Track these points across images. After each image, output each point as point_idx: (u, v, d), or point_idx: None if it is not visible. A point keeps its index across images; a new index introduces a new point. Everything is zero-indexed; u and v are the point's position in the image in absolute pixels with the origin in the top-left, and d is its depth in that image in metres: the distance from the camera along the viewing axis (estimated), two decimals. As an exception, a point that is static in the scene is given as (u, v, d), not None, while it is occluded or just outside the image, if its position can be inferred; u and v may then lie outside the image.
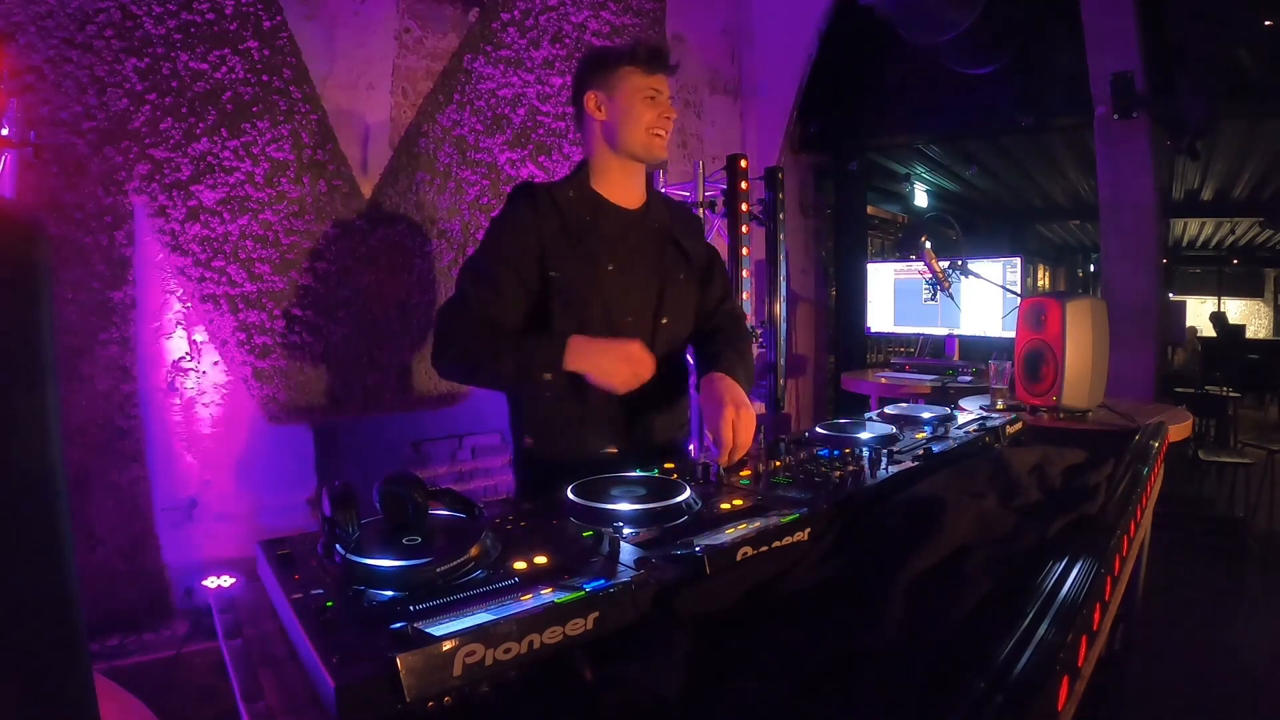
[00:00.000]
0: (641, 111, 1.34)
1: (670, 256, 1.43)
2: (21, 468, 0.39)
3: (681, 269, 1.44)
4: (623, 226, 1.39)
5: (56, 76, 2.05)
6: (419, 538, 0.75)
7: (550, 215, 1.35)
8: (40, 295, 0.40)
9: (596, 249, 1.35)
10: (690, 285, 1.46)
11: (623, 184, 1.41)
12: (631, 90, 1.33)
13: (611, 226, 1.38)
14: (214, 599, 0.78)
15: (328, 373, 2.56)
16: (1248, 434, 5.03)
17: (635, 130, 1.34)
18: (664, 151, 1.39)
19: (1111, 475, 1.21)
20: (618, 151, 1.37)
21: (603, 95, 1.35)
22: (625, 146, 1.36)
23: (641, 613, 0.68)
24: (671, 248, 1.43)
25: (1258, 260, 12.69)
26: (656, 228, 1.43)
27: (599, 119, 1.36)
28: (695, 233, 1.52)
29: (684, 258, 1.45)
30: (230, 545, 2.35)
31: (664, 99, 1.36)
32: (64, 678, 0.41)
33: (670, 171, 3.62)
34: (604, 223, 1.38)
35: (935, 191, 7.47)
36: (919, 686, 0.58)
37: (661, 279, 1.40)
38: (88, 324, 2.13)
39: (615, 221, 1.39)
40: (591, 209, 1.38)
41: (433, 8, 2.79)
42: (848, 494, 1.00)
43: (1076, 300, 1.98)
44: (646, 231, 1.42)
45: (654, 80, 1.34)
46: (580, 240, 1.35)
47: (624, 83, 1.34)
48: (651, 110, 1.34)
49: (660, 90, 1.35)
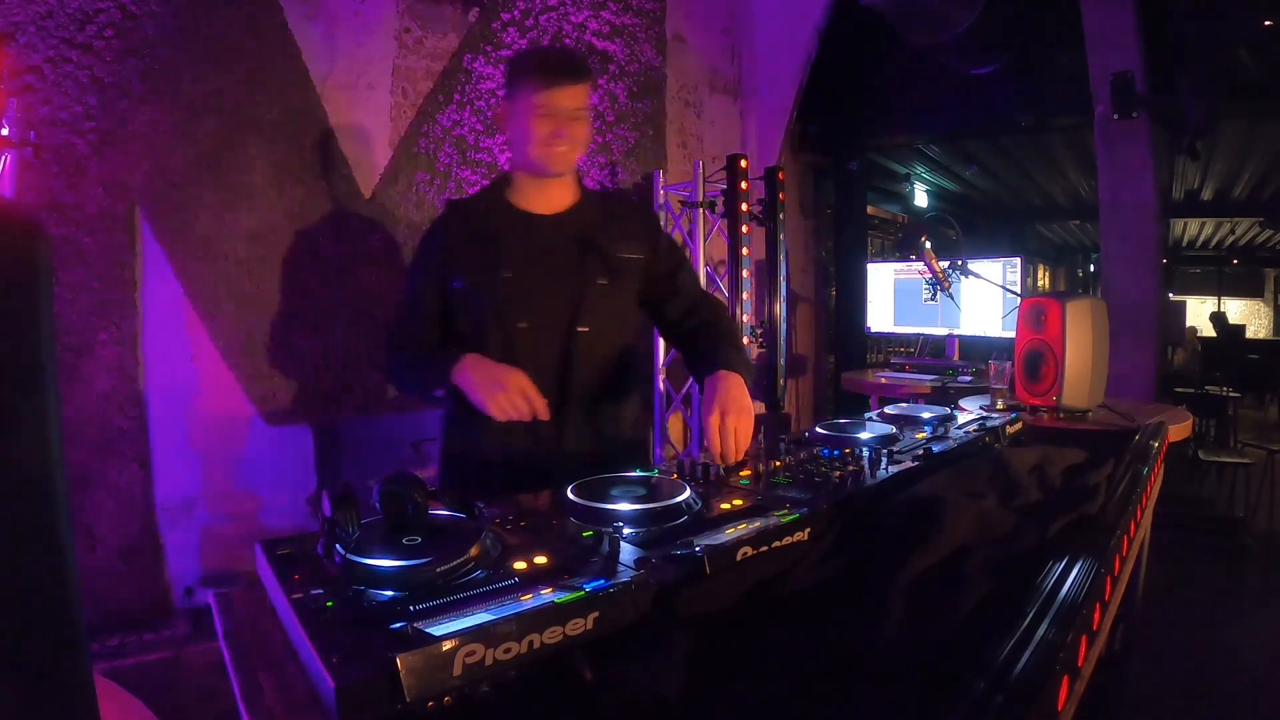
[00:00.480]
0: (534, 126, 1.29)
1: (591, 262, 1.37)
2: (21, 468, 0.39)
3: (602, 274, 1.37)
4: (527, 233, 1.37)
5: (56, 76, 2.05)
6: (419, 538, 0.75)
7: (459, 228, 1.38)
8: (40, 295, 0.40)
9: (496, 257, 1.33)
10: (619, 290, 1.40)
11: (534, 191, 1.39)
12: (524, 103, 1.30)
13: (515, 234, 1.36)
14: (214, 599, 0.78)
15: (328, 373, 2.55)
16: (1248, 434, 5.03)
17: (527, 144, 1.31)
18: (565, 164, 1.34)
19: (1111, 475, 1.21)
20: (520, 164, 1.37)
21: (508, 107, 1.34)
22: (520, 161, 1.36)
23: (641, 613, 0.68)
24: (593, 253, 1.37)
25: (1258, 260, 12.69)
26: (574, 233, 1.38)
27: (505, 130, 1.37)
28: (637, 233, 1.45)
29: (603, 262, 1.37)
30: (230, 545, 2.35)
31: (566, 112, 1.29)
32: (64, 678, 0.41)
33: (670, 171, 3.62)
34: (508, 231, 1.36)
35: (935, 191, 7.47)
36: (919, 686, 0.58)
37: (578, 286, 1.36)
38: (88, 324, 2.13)
39: (520, 228, 1.37)
40: (497, 218, 1.38)
41: (433, 8, 2.79)
42: (848, 494, 1.01)
43: (1076, 300, 1.98)
44: (560, 237, 1.38)
45: (551, 94, 1.28)
46: (482, 249, 1.34)
47: (519, 95, 1.30)
48: (545, 125, 1.29)
49: (560, 102, 1.29)
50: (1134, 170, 3.66)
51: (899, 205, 7.35)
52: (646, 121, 3.60)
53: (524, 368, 1.26)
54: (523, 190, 1.40)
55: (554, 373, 1.35)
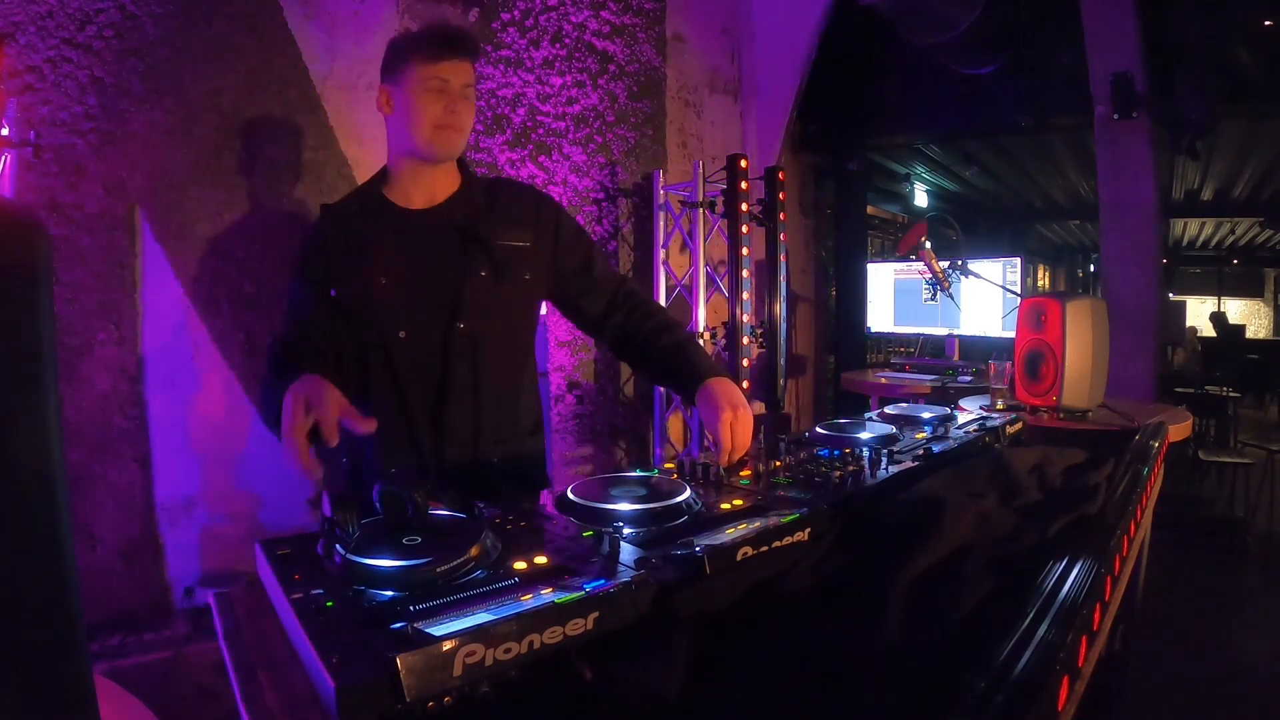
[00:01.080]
0: (424, 104, 1.22)
1: (471, 252, 1.28)
2: (21, 468, 0.39)
3: (484, 265, 1.28)
4: (402, 231, 1.28)
5: (56, 76, 2.05)
6: (419, 538, 0.75)
7: (333, 233, 1.28)
8: (40, 295, 0.40)
9: (370, 262, 1.25)
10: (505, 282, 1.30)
11: (415, 184, 1.30)
12: (414, 80, 1.22)
13: (389, 234, 1.28)
14: (214, 599, 0.78)
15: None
16: (1248, 434, 5.03)
17: (415, 125, 1.23)
18: (455, 148, 1.27)
19: (1111, 475, 1.21)
20: (404, 150, 1.28)
21: (390, 89, 1.26)
22: (408, 145, 1.26)
23: (641, 613, 0.68)
24: (473, 243, 1.28)
25: (1258, 260, 12.70)
26: (453, 224, 1.29)
27: (387, 114, 1.27)
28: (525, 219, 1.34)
29: (484, 251, 1.28)
30: (230, 545, 2.35)
31: (453, 87, 1.23)
32: (64, 678, 0.41)
33: (670, 171, 3.62)
34: (381, 231, 1.28)
35: (935, 191, 7.47)
36: (919, 686, 0.58)
37: (455, 281, 1.27)
38: (88, 324, 2.13)
39: (394, 227, 1.28)
40: (371, 217, 1.29)
41: (433, 8, 2.79)
42: (848, 494, 1.00)
43: (1076, 300, 1.98)
44: (436, 231, 1.29)
45: (440, 68, 1.22)
46: (355, 254, 1.26)
47: (407, 73, 1.23)
48: (436, 103, 1.22)
49: (448, 78, 1.22)
50: (1134, 170, 3.66)
51: (899, 205, 7.35)
52: (646, 121, 3.60)
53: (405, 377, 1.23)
54: (401, 184, 1.31)
55: (435, 377, 1.27)
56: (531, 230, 1.34)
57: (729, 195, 3.30)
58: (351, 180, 2.60)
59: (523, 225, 1.34)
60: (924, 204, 7.23)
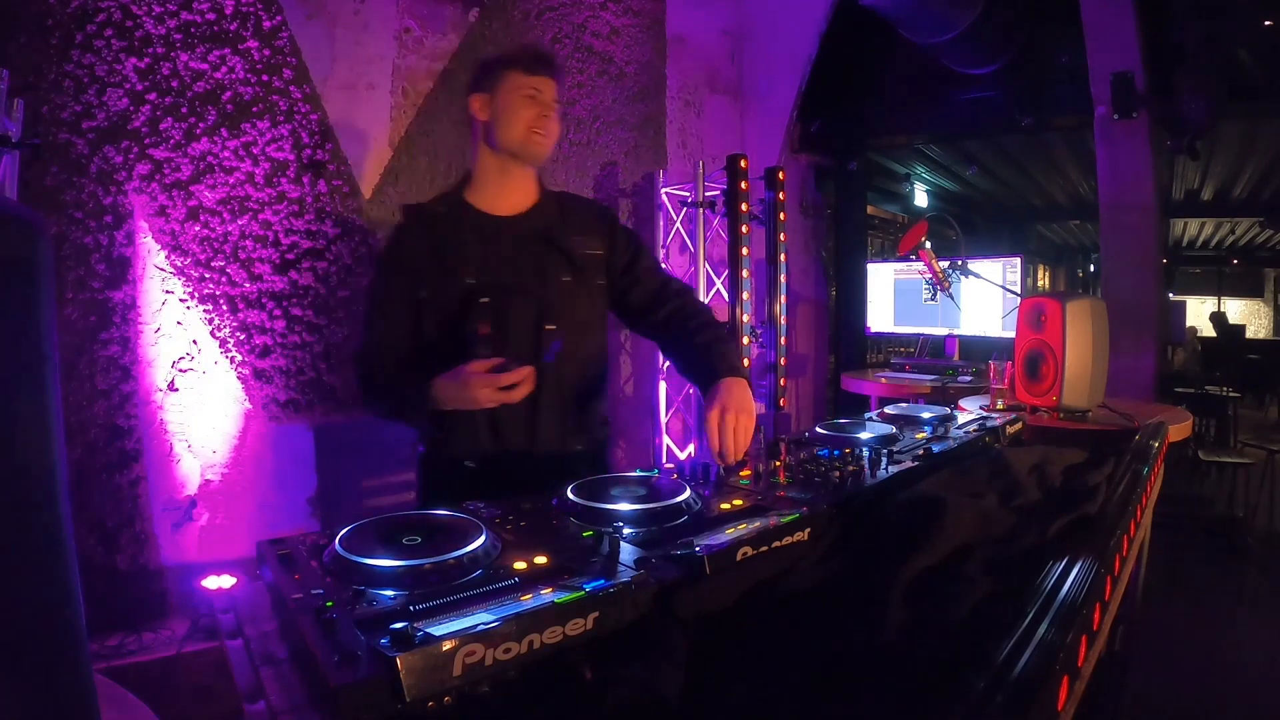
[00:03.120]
0: (520, 108, 1.34)
1: (554, 260, 1.39)
2: (21, 468, 0.39)
3: (566, 271, 1.39)
4: (489, 236, 1.37)
5: (56, 76, 2.05)
6: (419, 538, 0.75)
7: (420, 235, 1.37)
8: (40, 295, 0.40)
9: (460, 264, 1.34)
10: (583, 287, 1.42)
11: (500, 189, 1.40)
12: (512, 88, 1.35)
13: (477, 238, 1.36)
14: (214, 599, 0.78)
15: (328, 373, 2.55)
16: (1248, 434, 5.03)
17: (514, 127, 1.35)
18: (544, 151, 1.39)
19: (1111, 475, 1.21)
20: (497, 151, 1.38)
21: (486, 96, 1.37)
22: (504, 144, 1.36)
23: (641, 613, 0.68)
24: (553, 251, 1.39)
25: (1258, 260, 12.70)
26: (536, 232, 1.40)
27: (481, 119, 1.38)
28: (591, 229, 1.46)
29: (566, 259, 1.40)
30: (230, 545, 2.35)
31: (545, 99, 1.36)
32: (64, 678, 0.41)
33: (670, 171, 3.62)
34: (470, 235, 1.36)
35: (935, 191, 7.47)
36: (919, 686, 0.58)
37: (542, 285, 1.37)
38: (88, 324, 2.13)
39: (482, 231, 1.37)
40: (458, 222, 1.37)
41: (433, 8, 2.79)
42: (848, 494, 1.01)
43: (1076, 300, 1.98)
44: (521, 238, 1.39)
45: (535, 80, 1.35)
46: (444, 257, 1.34)
47: (505, 82, 1.35)
48: (531, 108, 1.35)
49: (541, 90, 1.36)
50: (1134, 170, 3.66)
51: (899, 205, 7.35)
52: (646, 122, 3.60)
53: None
54: (487, 190, 1.40)
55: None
56: (601, 239, 1.46)
57: (729, 195, 3.30)
58: (351, 180, 2.60)
59: (596, 235, 1.45)
60: (924, 204, 7.23)
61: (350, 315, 2.59)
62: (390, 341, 1.36)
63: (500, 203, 1.40)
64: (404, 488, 2.66)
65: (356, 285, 2.61)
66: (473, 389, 1.20)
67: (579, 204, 1.53)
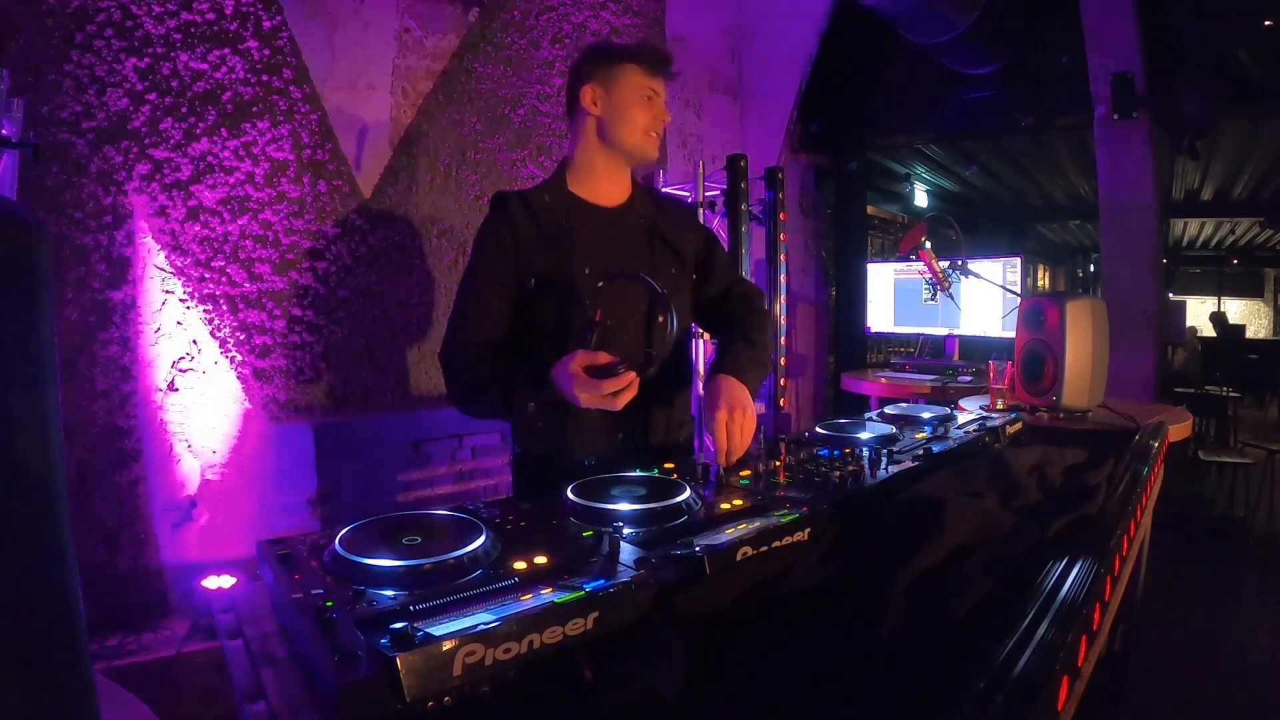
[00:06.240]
0: (639, 109, 1.33)
1: (658, 252, 1.39)
2: (21, 468, 0.39)
3: (671, 264, 1.40)
4: (600, 227, 1.36)
5: (56, 76, 2.05)
6: (419, 538, 0.75)
7: (525, 222, 1.33)
8: (40, 295, 0.40)
9: (572, 253, 1.32)
10: (684, 279, 1.43)
11: (605, 181, 1.39)
12: (631, 88, 1.33)
13: (588, 228, 1.35)
14: (214, 599, 0.78)
15: (328, 373, 2.55)
16: (1248, 434, 5.03)
17: (630, 128, 1.33)
18: (655, 152, 1.38)
19: (1111, 475, 1.21)
20: (608, 147, 1.36)
21: (600, 90, 1.33)
22: (618, 143, 1.35)
23: (641, 613, 0.68)
24: (659, 243, 1.40)
25: (1258, 260, 12.70)
26: (639, 224, 1.40)
27: (593, 113, 1.34)
28: (685, 223, 1.49)
29: (672, 252, 1.41)
30: (230, 545, 2.35)
31: (660, 102, 1.36)
32: (64, 678, 0.41)
33: (670, 171, 3.62)
34: (580, 225, 1.35)
35: (935, 191, 7.47)
36: (919, 686, 0.58)
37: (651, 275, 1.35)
38: (88, 324, 2.13)
39: (592, 222, 1.36)
40: (567, 211, 1.35)
41: (433, 8, 2.79)
42: (848, 494, 1.00)
43: (1076, 300, 1.98)
44: (628, 229, 1.39)
45: (654, 82, 1.34)
46: (555, 245, 1.32)
47: (624, 79, 1.33)
48: (648, 111, 1.34)
49: (659, 93, 1.35)
50: (1134, 170, 3.66)
51: (899, 205, 7.34)
52: (646, 121, 3.60)
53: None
54: (592, 181, 1.38)
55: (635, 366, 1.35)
56: (695, 233, 1.48)
57: (729, 195, 3.30)
58: (351, 180, 2.60)
59: (691, 229, 1.48)
60: (924, 204, 7.22)
61: (350, 315, 2.59)
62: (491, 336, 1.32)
63: (603, 194, 1.39)
64: (404, 488, 2.66)
65: (356, 285, 2.61)
66: (576, 388, 1.16)
67: (669, 198, 1.56)
